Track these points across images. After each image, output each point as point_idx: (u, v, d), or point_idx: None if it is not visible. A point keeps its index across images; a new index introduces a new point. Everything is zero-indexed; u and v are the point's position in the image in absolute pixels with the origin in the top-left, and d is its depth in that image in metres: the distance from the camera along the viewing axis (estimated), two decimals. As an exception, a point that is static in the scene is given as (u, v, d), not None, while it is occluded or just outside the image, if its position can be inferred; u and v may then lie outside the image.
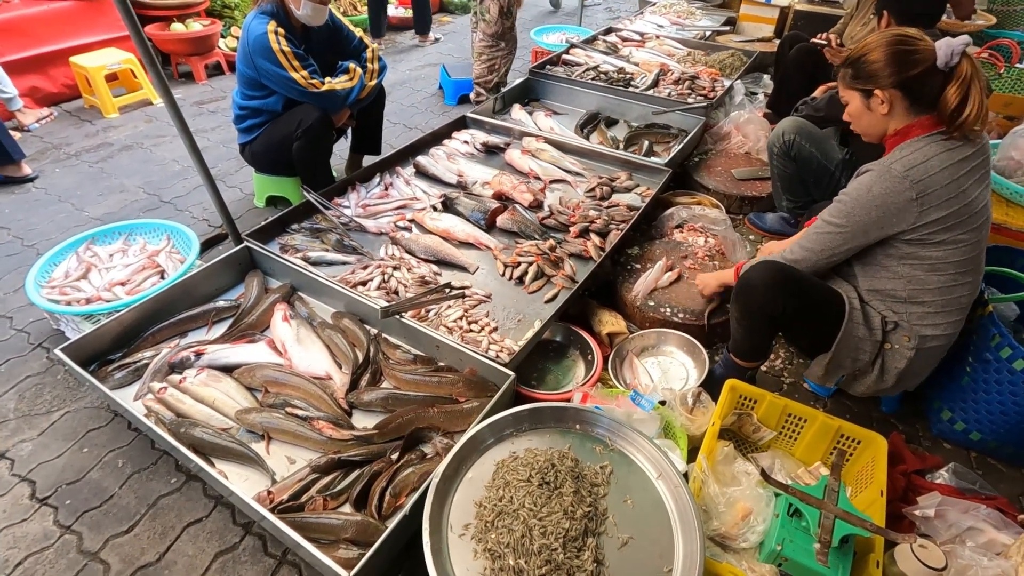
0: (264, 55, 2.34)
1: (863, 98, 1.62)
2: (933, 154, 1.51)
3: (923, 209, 1.50)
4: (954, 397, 1.86)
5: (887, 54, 1.54)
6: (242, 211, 3.05)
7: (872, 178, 1.56)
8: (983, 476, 1.76)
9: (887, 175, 1.53)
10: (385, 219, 2.60)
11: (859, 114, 1.66)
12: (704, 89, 3.77)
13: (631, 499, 1.48)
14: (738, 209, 3.06)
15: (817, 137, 2.51)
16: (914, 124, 1.57)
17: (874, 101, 1.59)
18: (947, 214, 1.51)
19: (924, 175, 1.49)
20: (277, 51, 2.33)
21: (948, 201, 1.50)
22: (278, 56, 2.34)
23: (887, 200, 1.53)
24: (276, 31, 2.34)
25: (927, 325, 1.62)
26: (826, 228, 1.65)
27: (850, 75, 1.63)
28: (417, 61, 5.24)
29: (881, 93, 1.56)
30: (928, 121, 1.55)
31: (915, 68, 1.51)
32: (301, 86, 2.41)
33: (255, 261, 2.34)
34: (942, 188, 1.50)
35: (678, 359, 2.13)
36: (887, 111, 1.58)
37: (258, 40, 2.33)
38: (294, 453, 1.72)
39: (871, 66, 1.56)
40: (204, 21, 4.57)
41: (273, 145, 2.61)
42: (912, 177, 1.50)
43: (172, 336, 2.06)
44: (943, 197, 1.50)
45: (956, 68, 1.49)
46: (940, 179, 1.50)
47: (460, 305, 2.13)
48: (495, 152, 3.18)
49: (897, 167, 1.52)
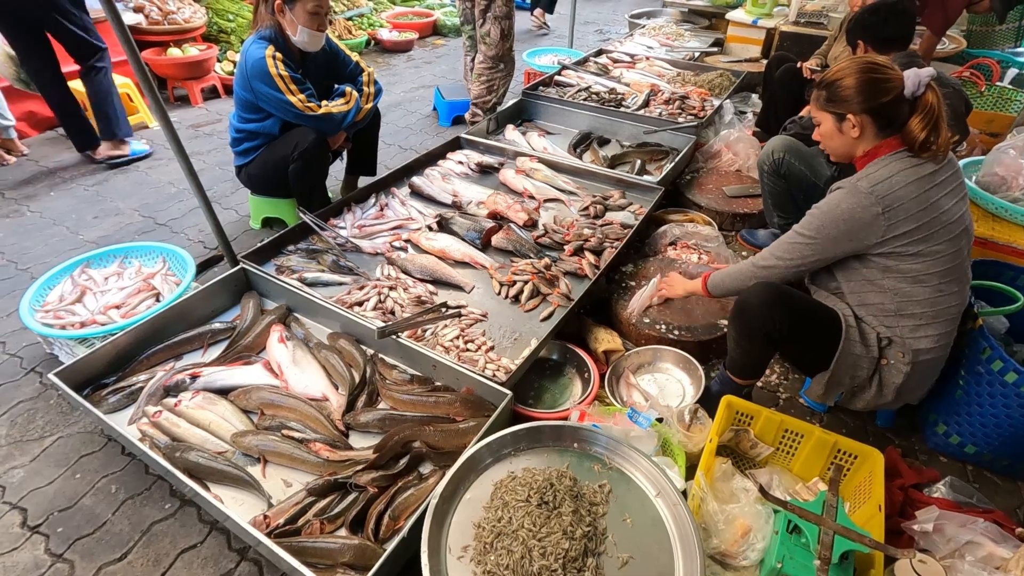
0: (262, 79, 2.37)
1: (835, 121, 1.68)
2: (898, 170, 1.58)
3: (891, 223, 1.57)
4: (948, 410, 1.87)
5: (859, 81, 1.61)
6: (238, 233, 3.05)
7: (841, 194, 1.63)
8: (979, 489, 1.77)
9: (854, 191, 1.60)
10: (381, 239, 2.61)
11: (830, 135, 1.72)
12: (694, 109, 3.83)
13: (630, 518, 1.47)
14: (730, 226, 3.10)
15: (806, 155, 2.56)
16: (881, 145, 1.64)
17: (846, 125, 1.65)
18: (917, 226, 1.56)
19: (889, 190, 1.56)
20: (275, 75, 2.36)
21: (916, 214, 1.56)
22: (276, 80, 2.37)
23: (854, 215, 1.59)
24: (274, 56, 2.37)
25: (920, 338, 1.64)
26: (797, 239, 1.71)
27: (824, 98, 1.70)
28: (411, 83, 5.31)
29: (853, 118, 1.63)
30: (895, 141, 1.62)
31: (885, 96, 1.59)
32: (298, 109, 2.44)
33: (251, 282, 2.35)
34: (909, 202, 1.56)
35: (674, 376, 2.13)
36: (858, 135, 1.65)
37: (256, 65, 2.37)
38: (291, 476, 1.71)
39: (844, 91, 1.63)
40: (200, 46, 4.63)
41: (269, 167, 2.63)
42: (877, 192, 1.57)
43: (167, 359, 2.05)
44: (910, 211, 1.56)
45: (921, 98, 1.58)
46: (905, 193, 1.56)
47: (456, 324, 2.13)
48: (489, 172, 3.21)
49: (863, 184, 1.59)
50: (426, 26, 6.63)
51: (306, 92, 2.44)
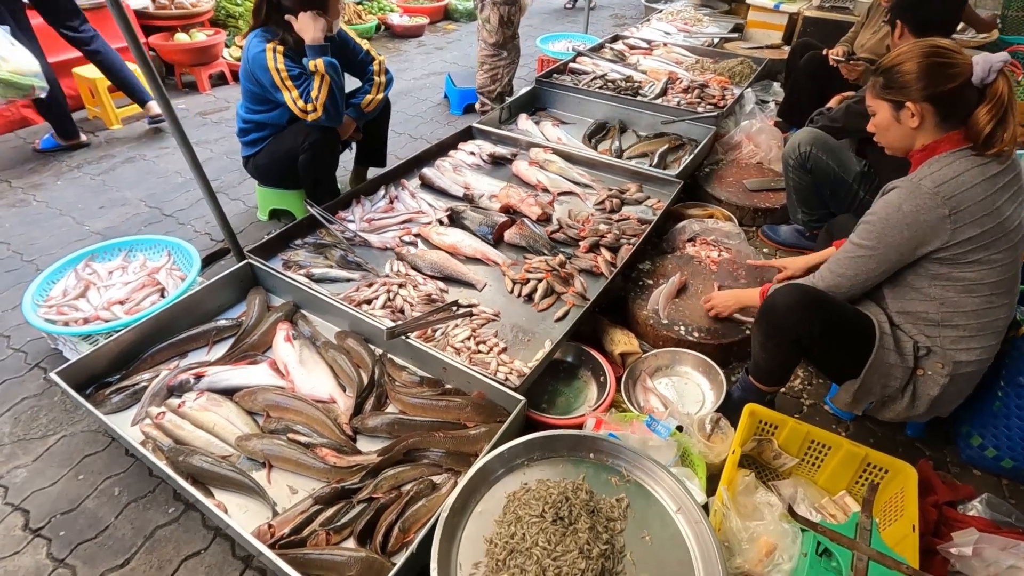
0: (262, 72, 2.31)
1: (893, 109, 1.55)
2: (964, 169, 1.45)
3: (957, 227, 1.44)
4: (984, 422, 1.78)
5: (922, 66, 1.48)
6: (245, 224, 3.00)
7: (901, 195, 1.50)
8: (1016, 506, 1.68)
9: (916, 192, 1.47)
10: (390, 234, 2.54)
11: (887, 126, 1.59)
12: (714, 98, 3.70)
13: (649, 535, 1.41)
14: (751, 221, 2.99)
15: (834, 148, 2.44)
16: (943, 139, 1.51)
17: (904, 114, 1.53)
18: (981, 232, 1.44)
19: (956, 191, 1.43)
20: (272, 69, 2.28)
21: (982, 218, 1.44)
22: (272, 74, 2.29)
23: (919, 218, 1.46)
24: (275, 49, 2.29)
25: (962, 350, 1.54)
26: (857, 252, 1.57)
27: (881, 84, 1.57)
28: (422, 70, 5.20)
29: (913, 106, 1.50)
30: (957, 136, 1.49)
31: (950, 83, 1.45)
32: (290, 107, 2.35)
33: (257, 278, 2.29)
34: (975, 204, 1.43)
35: (693, 380, 2.05)
36: (917, 124, 1.52)
37: (256, 58, 2.30)
38: (296, 482, 1.66)
39: (904, 77, 1.50)
40: (208, 31, 4.55)
41: (277, 158, 2.56)
42: (943, 193, 1.43)
43: (171, 357, 2.00)
44: (977, 214, 1.44)
45: (991, 86, 1.44)
46: (973, 195, 1.43)
47: (468, 324, 2.06)
48: (502, 163, 3.12)
49: (927, 183, 1.46)
50: (437, 10, 6.49)
51: (302, 88, 2.31)
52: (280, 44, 2.32)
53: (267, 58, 2.28)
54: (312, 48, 2.30)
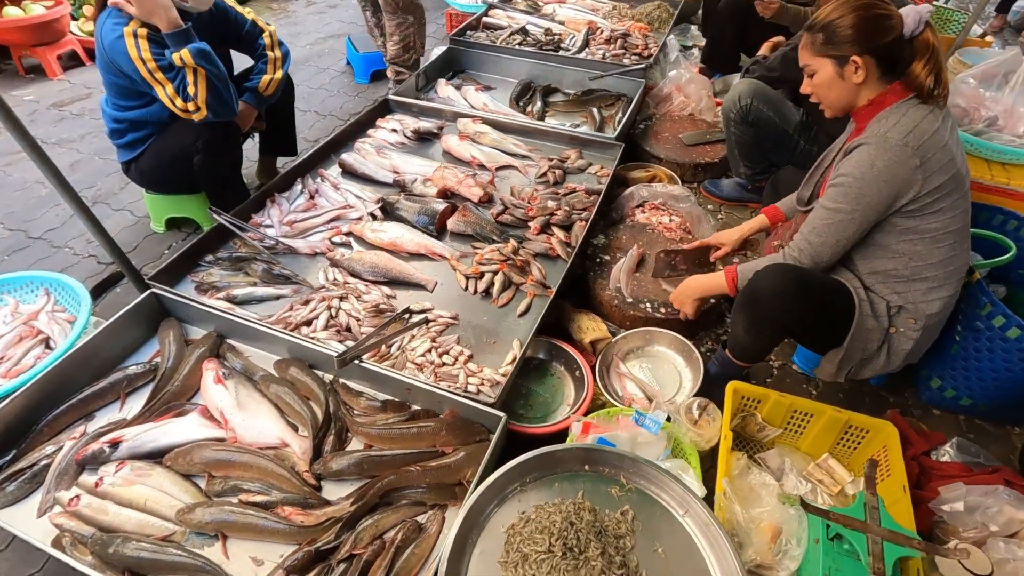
0: (125, 63, 1.88)
1: (836, 66, 1.52)
2: (920, 118, 1.45)
3: (927, 176, 1.45)
4: (943, 365, 1.85)
5: (861, 18, 1.46)
6: (137, 239, 2.57)
7: (871, 152, 1.46)
8: (976, 440, 1.78)
9: (886, 146, 1.45)
10: (318, 236, 2.25)
11: (830, 83, 1.56)
12: (637, 47, 3.56)
13: (661, 547, 1.33)
14: (692, 177, 2.94)
15: (774, 100, 2.39)
16: (888, 92, 1.51)
17: (848, 69, 1.50)
18: (946, 179, 1.46)
19: (921, 140, 1.43)
20: (136, 59, 1.86)
21: (946, 165, 1.46)
22: (137, 65, 1.87)
23: (893, 171, 1.44)
24: (135, 33, 1.85)
25: (931, 300, 1.57)
26: (835, 216, 1.53)
27: (820, 41, 1.52)
28: (316, 33, 4.66)
29: (857, 59, 1.47)
30: (899, 87, 1.50)
31: (890, 34, 1.45)
32: (169, 107, 1.96)
33: (166, 308, 1.95)
34: (939, 152, 1.45)
35: (668, 359, 1.99)
36: (861, 79, 1.50)
37: (114, 47, 1.86)
38: (260, 551, 1.44)
39: (845, 31, 1.47)
40: (46, 2, 3.79)
41: (166, 161, 2.16)
42: (912, 144, 1.43)
43: (75, 422, 1.67)
44: (941, 161, 1.45)
45: (920, 37, 1.44)
46: (935, 142, 1.44)
47: (425, 334, 1.87)
48: (429, 139, 2.85)
49: (894, 136, 1.44)
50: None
51: (178, 82, 1.90)
52: (142, 27, 1.87)
53: (128, 46, 1.84)
54: (171, 36, 1.86)
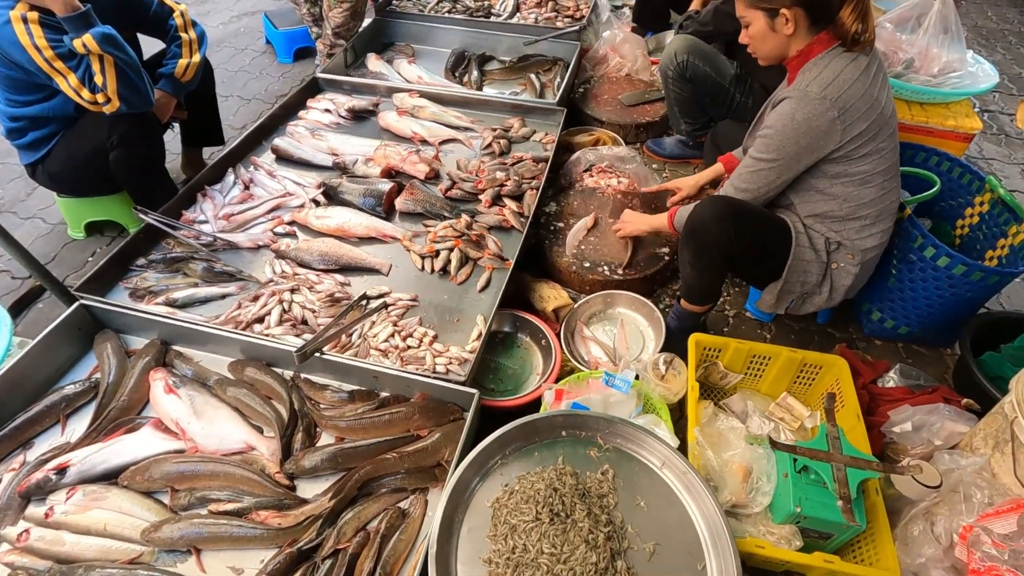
0: (18, 52, 1.68)
1: (767, 18, 1.57)
2: (841, 68, 1.52)
3: (846, 125, 1.52)
4: (882, 298, 1.96)
5: None
6: (55, 248, 2.36)
7: (792, 105, 1.54)
8: (915, 364, 1.91)
9: (805, 99, 1.52)
10: (259, 228, 2.13)
11: (763, 36, 1.61)
12: (569, 9, 3.51)
13: (643, 500, 1.37)
14: (634, 137, 2.96)
15: (709, 55, 2.42)
16: (814, 42, 1.57)
17: (779, 21, 1.55)
18: (868, 125, 1.54)
19: (840, 91, 1.50)
20: (30, 47, 1.66)
21: (867, 112, 1.53)
22: (31, 54, 1.67)
23: (812, 124, 1.52)
24: (25, 18, 1.65)
25: (866, 237, 1.67)
26: (758, 165, 1.62)
27: None
28: (230, 11, 4.35)
29: (787, 12, 1.52)
30: (826, 36, 1.55)
31: None
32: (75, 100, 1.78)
33: (100, 320, 1.80)
34: (859, 100, 1.52)
35: (630, 320, 2.02)
36: (792, 31, 1.55)
37: (3, 34, 1.66)
38: (238, 560, 1.38)
39: None
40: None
41: (79, 162, 1.97)
42: (830, 96, 1.50)
43: (11, 452, 1.54)
44: (861, 109, 1.52)
45: None
46: (855, 91, 1.51)
47: (386, 319, 1.82)
48: (365, 117, 2.73)
49: (813, 89, 1.51)
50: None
51: (82, 72, 1.72)
52: (31, 10, 1.68)
53: (17, 33, 1.65)
54: (69, 20, 1.65)
